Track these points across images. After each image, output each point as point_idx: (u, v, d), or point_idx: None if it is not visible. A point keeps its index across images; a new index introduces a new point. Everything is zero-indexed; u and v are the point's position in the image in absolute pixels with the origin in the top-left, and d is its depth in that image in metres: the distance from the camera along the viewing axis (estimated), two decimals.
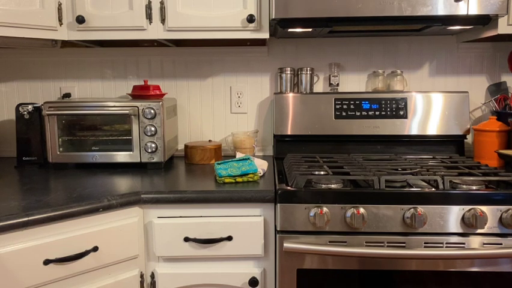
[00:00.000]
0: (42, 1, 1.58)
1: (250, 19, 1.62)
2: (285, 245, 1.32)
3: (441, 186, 1.36)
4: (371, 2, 1.52)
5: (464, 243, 1.33)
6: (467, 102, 1.90)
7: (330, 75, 2.01)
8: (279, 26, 1.62)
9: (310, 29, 1.67)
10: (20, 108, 1.79)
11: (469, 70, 2.01)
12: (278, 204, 1.36)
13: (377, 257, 1.34)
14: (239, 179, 1.50)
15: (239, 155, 1.84)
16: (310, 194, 1.35)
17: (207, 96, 2.07)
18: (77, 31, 1.66)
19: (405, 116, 1.90)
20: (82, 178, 1.59)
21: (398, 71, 1.98)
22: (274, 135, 1.95)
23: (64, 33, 1.66)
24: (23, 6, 1.54)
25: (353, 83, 2.04)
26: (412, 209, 1.32)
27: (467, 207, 1.32)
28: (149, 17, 1.64)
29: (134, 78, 2.06)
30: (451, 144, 1.92)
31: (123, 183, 1.50)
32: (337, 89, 2.01)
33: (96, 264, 1.29)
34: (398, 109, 1.90)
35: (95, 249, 1.28)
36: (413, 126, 1.90)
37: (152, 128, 1.71)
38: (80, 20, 1.62)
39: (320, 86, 2.05)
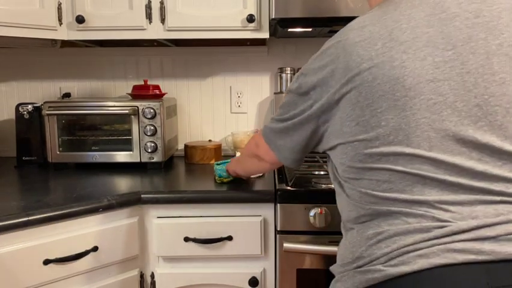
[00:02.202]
0: (42, 1, 1.58)
1: (250, 19, 1.61)
2: (285, 245, 1.32)
3: None
4: None
5: None
6: None
7: None
8: (279, 25, 1.62)
9: (310, 29, 1.67)
10: (20, 108, 1.79)
11: None
12: (278, 204, 1.36)
13: None
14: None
15: (239, 155, 1.84)
16: (310, 194, 1.35)
17: (206, 96, 2.06)
18: (77, 31, 1.65)
19: None
20: (81, 178, 1.59)
21: None
22: None
23: (64, 33, 1.66)
24: (23, 5, 1.54)
25: None
26: None
27: None
28: (149, 16, 1.64)
29: (134, 78, 2.06)
30: None
31: (123, 183, 1.50)
32: None
33: (96, 264, 1.29)
34: None
35: (95, 249, 1.28)
36: None
37: (152, 128, 1.70)
38: (80, 19, 1.62)
39: None
